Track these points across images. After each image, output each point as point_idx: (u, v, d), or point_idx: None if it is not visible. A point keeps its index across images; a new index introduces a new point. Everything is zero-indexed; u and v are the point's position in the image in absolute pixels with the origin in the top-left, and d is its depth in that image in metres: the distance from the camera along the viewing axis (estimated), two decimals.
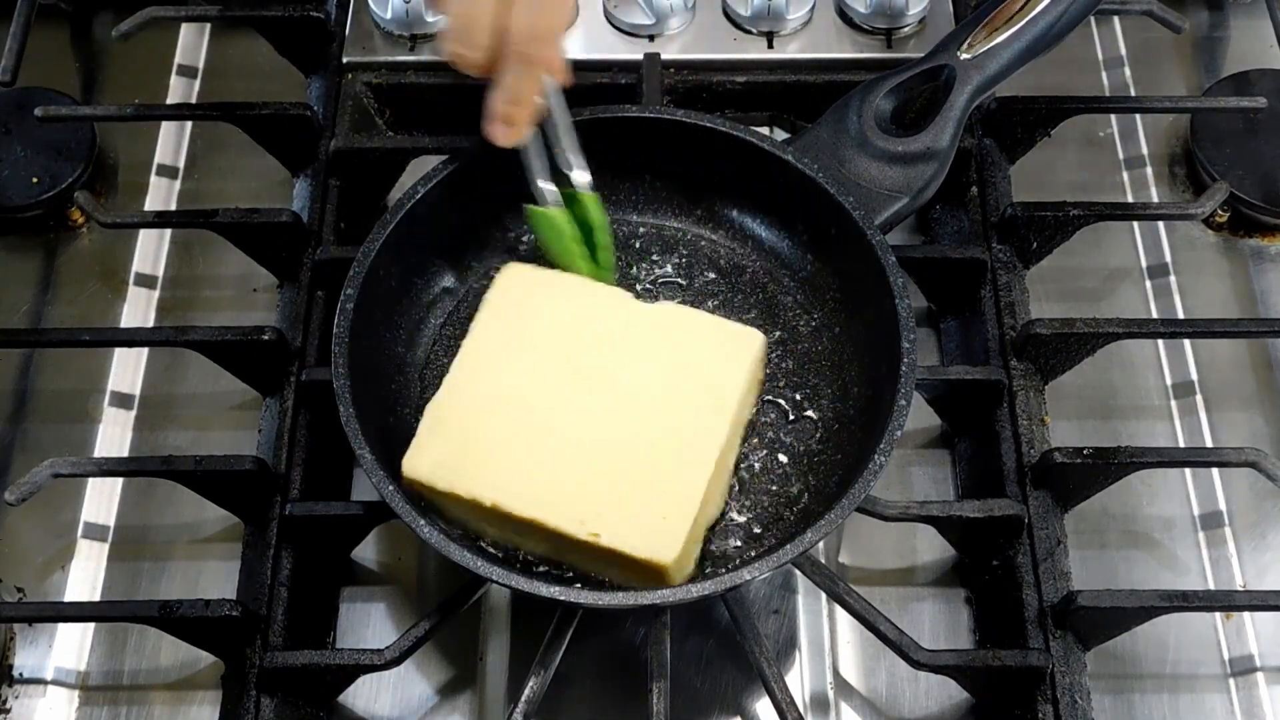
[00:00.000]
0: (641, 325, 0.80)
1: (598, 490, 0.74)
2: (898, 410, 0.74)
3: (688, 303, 0.85)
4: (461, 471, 0.74)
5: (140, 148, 1.01)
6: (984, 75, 0.84)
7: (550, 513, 0.73)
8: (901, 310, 0.77)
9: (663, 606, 0.73)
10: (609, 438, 0.76)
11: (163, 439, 0.89)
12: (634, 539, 0.72)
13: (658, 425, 0.76)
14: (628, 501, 0.74)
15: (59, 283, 0.96)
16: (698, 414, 0.77)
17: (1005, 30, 0.84)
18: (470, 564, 0.70)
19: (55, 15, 1.07)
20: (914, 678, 0.80)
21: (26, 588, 0.84)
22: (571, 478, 0.74)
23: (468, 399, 0.77)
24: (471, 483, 0.74)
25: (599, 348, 0.79)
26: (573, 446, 0.75)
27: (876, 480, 0.72)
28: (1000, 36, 0.84)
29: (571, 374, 0.78)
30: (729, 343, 0.80)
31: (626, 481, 0.74)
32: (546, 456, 0.75)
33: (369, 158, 0.94)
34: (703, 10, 1.01)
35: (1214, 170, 0.96)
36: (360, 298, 0.78)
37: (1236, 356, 0.92)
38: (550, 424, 0.76)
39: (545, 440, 0.75)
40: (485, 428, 0.76)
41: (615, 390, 0.77)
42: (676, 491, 0.74)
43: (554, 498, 0.73)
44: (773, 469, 0.81)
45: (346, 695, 0.80)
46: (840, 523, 0.72)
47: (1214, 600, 0.78)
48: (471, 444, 0.75)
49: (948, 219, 0.95)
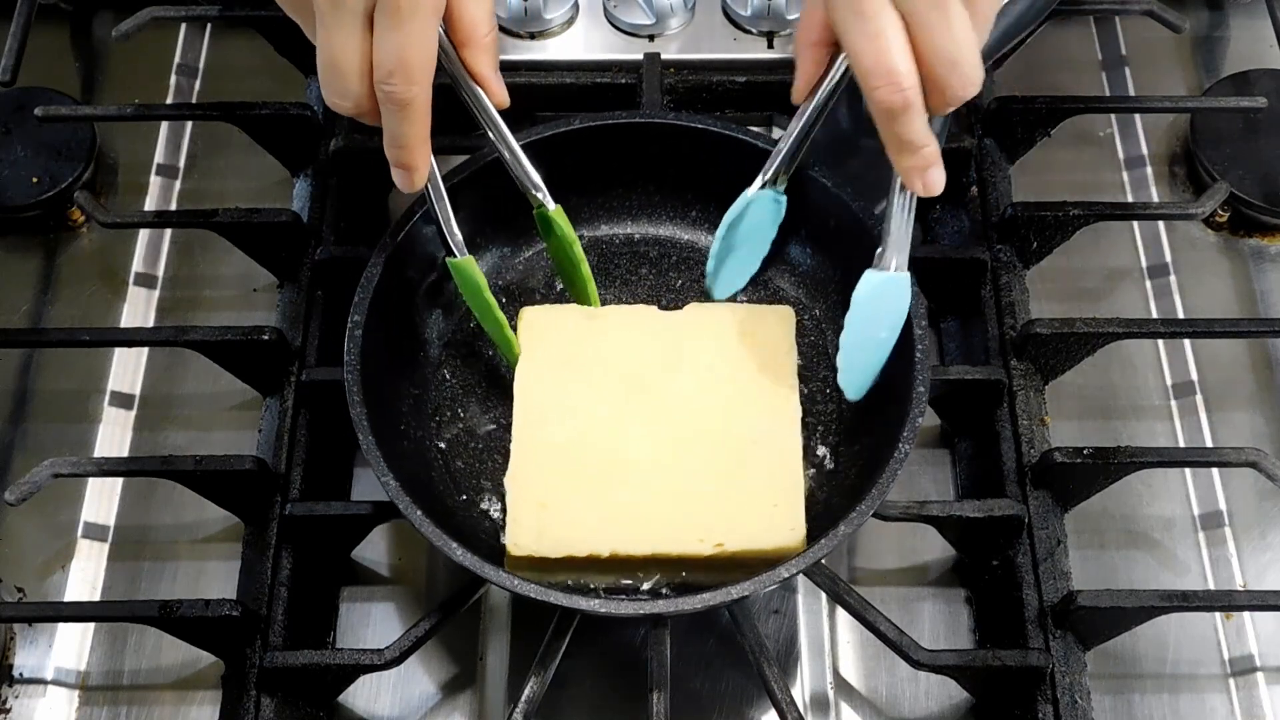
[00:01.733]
0: (677, 333, 0.81)
1: (702, 503, 0.74)
2: (916, 398, 0.74)
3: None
4: (567, 533, 0.74)
5: (140, 148, 1.01)
6: None
7: (668, 542, 0.73)
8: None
9: (665, 617, 0.74)
10: (690, 449, 0.76)
11: (163, 439, 0.89)
12: (759, 536, 0.73)
13: (731, 421, 0.77)
14: (735, 503, 0.74)
15: (59, 283, 0.96)
16: (764, 397, 0.78)
17: None
18: (470, 564, 0.70)
19: (55, 15, 1.07)
20: (914, 678, 0.80)
21: (26, 588, 0.84)
22: (670, 501, 0.75)
23: (540, 459, 0.76)
24: (583, 540, 0.73)
25: (645, 366, 0.79)
26: (658, 470, 0.75)
27: (902, 467, 0.72)
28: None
29: (629, 400, 0.78)
30: (766, 324, 0.81)
31: (725, 485, 0.75)
32: (638, 488, 0.75)
33: (369, 158, 0.93)
34: (703, 10, 1.01)
35: (1214, 170, 0.96)
36: (367, 323, 0.77)
37: (1236, 356, 0.92)
38: (628, 456, 0.76)
39: (630, 473, 0.76)
40: (569, 482, 0.75)
41: (677, 402, 0.78)
42: (776, 476, 0.75)
43: (664, 526, 0.74)
44: None
45: (346, 695, 0.80)
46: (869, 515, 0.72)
47: (1214, 600, 0.78)
48: (563, 503, 0.75)
49: (948, 219, 0.95)
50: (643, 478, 0.76)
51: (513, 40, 1.00)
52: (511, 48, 0.99)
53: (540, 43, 1.00)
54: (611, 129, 0.85)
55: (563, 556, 0.73)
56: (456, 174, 0.82)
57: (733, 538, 0.73)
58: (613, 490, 0.75)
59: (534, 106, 0.99)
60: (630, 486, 0.75)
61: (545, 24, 1.00)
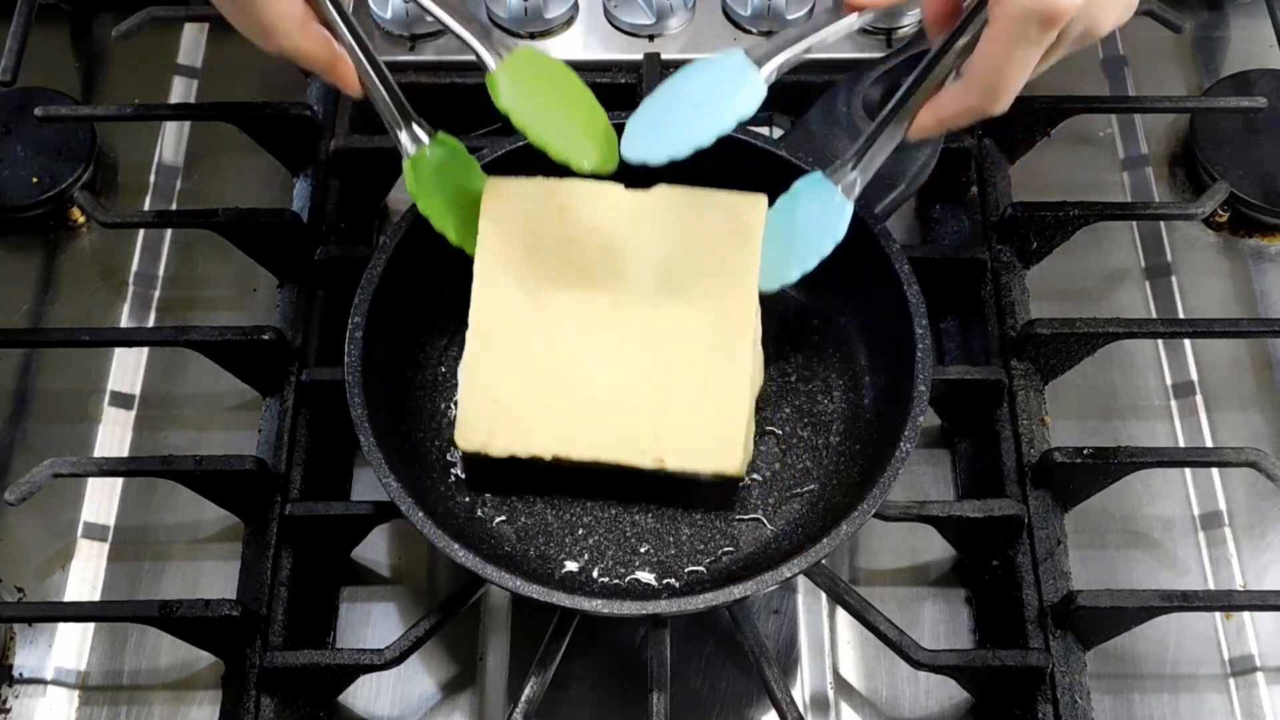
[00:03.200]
0: (643, 216, 0.77)
1: (648, 412, 0.74)
2: (918, 396, 0.74)
3: None
4: (515, 432, 0.73)
5: (140, 148, 1.01)
6: None
7: (613, 451, 0.73)
8: (911, 296, 0.77)
9: (665, 617, 0.74)
10: (642, 350, 0.75)
11: (163, 439, 0.89)
12: (698, 458, 0.73)
13: (687, 327, 0.75)
14: (679, 419, 0.74)
15: (59, 283, 0.96)
16: (722, 296, 0.76)
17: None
18: (471, 564, 0.70)
19: (55, 15, 1.07)
20: (914, 678, 0.80)
21: (26, 588, 0.84)
22: (618, 405, 0.74)
23: (494, 351, 0.75)
24: (528, 441, 0.74)
25: (607, 254, 0.76)
26: (609, 371, 0.75)
27: (903, 467, 0.72)
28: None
29: (587, 296, 0.76)
30: (734, 212, 0.77)
31: (672, 400, 0.74)
32: (587, 389, 0.74)
33: (369, 158, 0.94)
34: (703, 10, 1.01)
35: (1214, 170, 0.96)
36: (367, 324, 0.77)
37: (1236, 356, 0.92)
38: (580, 353, 0.75)
39: (581, 372, 0.75)
40: (520, 377, 0.75)
41: (634, 300, 0.76)
42: (722, 391, 0.74)
43: (611, 434, 0.73)
44: (792, 465, 0.81)
45: (346, 695, 0.80)
46: (870, 514, 0.72)
47: (1214, 600, 0.78)
48: (513, 399, 0.74)
49: (948, 219, 0.95)
50: (594, 382, 0.75)
51: (513, 40, 1.00)
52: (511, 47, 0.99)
53: (540, 43, 1.00)
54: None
55: (506, 456, 0.74)
56: None
57: (673, 456, 0.73)
58: (560, 390, 0.74)
59: None
60: (581, 390, 0.75)
61: (545, 24, 1.00)
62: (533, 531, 0.79)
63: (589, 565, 0.78)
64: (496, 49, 0.73)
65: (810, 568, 0.72)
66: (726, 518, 0.79)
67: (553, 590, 0.70)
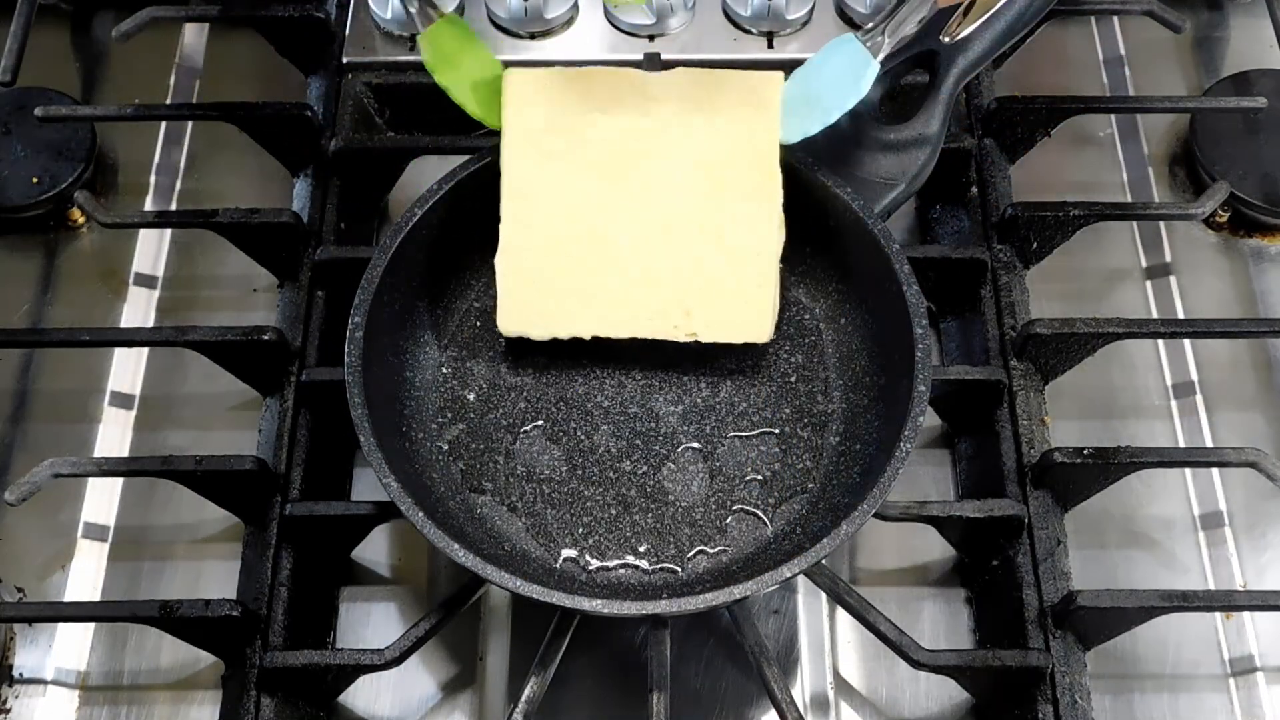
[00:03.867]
0: (663, 98, 0.79)
1: (679, 288, 0.76)
2: (918, 396, 0.74)
3: None
4: (555, 313, 0.75)
5: (140, 148, 1.01)
6: (968, 59, 0.84)
7: (647, 327, 0.75)
8: (911, 297, 0.77)
9: (666, 617, 0.74)
10: (669, 228, 0.76)
11: (163, 439, 0.89)
12: (728, 330, 0.76)
13: (712, 205, 0.77)
14: (709, 293, 0.76)
15: (59, 283, 0.96)
16: (746, 176, 0.78)
17: (984, 12, 0.84)
18: (471, 564, 0.70)
19: (55, 15, 1.07)
20: (914, 678, 0.80)
21: (26, 588, 0.84)
22: (650, 283, 0.76)
23: (528, 237, 0.76)
24: (569, 322, 0.75)
25: (630, 136, 0.78)
26: (639, 250, 0.76)
27: (903, 466, 0.72)
28: (980, 19, 0.84)
29: (613, 180, 0.78)
30: (752, 89, 0.79)
31: (701, 269, 0.76)
32: (619, 269, 0.76)
33: (369, 158, 0.94)
34: (703, 10, 1.01)
35: (1214, 170, 0.96)
36: (368, 325, 0.77)
37: (1236, 356, 0.92)
38: (610, 234, 0.76)
39: (612, 253, 0.76)
40: (555, 261, 0.76)
41: (659, 183, 0.78)
42: (750, 265, 0.77)
43: (642, 310, 0.75)
44: (792, 465, 0.81)
45: (346, 695, 0.80)
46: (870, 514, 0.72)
47: (1214, 600, 0.78)
48: (550, 283, 0.76)
49: (948, 219, 0.95)
50: (625, 262, 0.76)
51: (512, 40, 1.00)
52: (511, 48, 0.99)
53: (540, 43, 1.00)
54: None
55: (547, 339, 0.76)
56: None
57: (705, 329, 0.76)
58: (595, 272, 0.76)
59: None
60: (613, 270, 0.76)
61: (545, 24, 1.00)
62: (532, 530, 0.79)
63: (588, 563, 0.78)
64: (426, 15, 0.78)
65: (810, 568, 0.72)
66: (724, 517, 0.80)
67: (552, 590, 0.70)
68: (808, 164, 0.82)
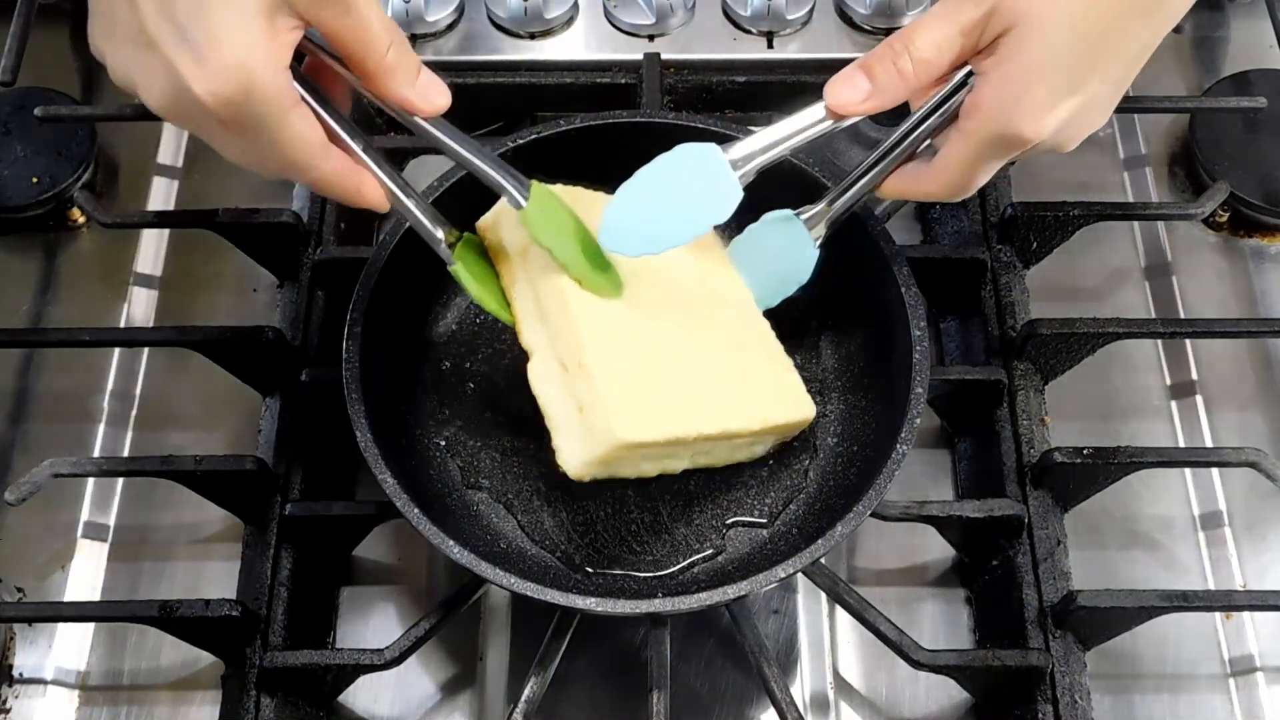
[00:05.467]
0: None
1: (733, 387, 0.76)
2: (915, 398, 0.74)
3: None
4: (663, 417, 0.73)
5: (140, 148, 1.01)
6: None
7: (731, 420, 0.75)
8: (909, 298, 0.77)
9: (664, 615, 0.74)
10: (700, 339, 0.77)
11: (163, 439, 0.89)
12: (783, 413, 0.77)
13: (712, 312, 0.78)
14: (754, 386, 0.77)
15: (59, 283, 0.96)
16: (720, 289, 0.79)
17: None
18: (470, 563, 0.70)
19: (55, 15, 1.07)
20: (914, 678, 0.80)
21: (26, 588, 0.84)
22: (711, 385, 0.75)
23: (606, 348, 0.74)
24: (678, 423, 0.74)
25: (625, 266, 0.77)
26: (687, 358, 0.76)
27: (900, 467, 0.72)
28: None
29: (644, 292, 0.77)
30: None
31: (738, 370, 0.77)
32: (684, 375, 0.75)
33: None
34: (703, 10, 1.01)
35: (1214, 170, 0.96)
36: (365, 323, 0.77)
37: (1236, 356, 0.92)
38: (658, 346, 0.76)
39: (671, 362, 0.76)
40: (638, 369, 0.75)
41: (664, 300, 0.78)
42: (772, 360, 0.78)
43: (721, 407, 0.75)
44: (790, 465, 0.81)
45: (346, 695, 0.80)
46: (867, 514, 0.72)
47: (1214, 600, 0.78)
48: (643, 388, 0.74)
49: (948, 219, 0.95)
50: (681, 366, 0.75)
51: (512, 40, 1.00)
52: (511, 48, 1.00)
53: (540, 43, 1.00)
54: (612, 129, 0.85)
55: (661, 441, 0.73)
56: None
57: (766, 416, 0.76)
58: (668, 377, 0.75)
59: (534, 106, 0.99)
60: (678, 373, 0.75)
61: (545, 24, 1.00)
62: (530, 529, 0.79)
63: (585, 561, 0.78)
64: (520, 188, 0.72)
65: (810, 567, 0.72)
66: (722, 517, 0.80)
67: (550, 589, 0.70)
68: (807, 164, 0.82)
